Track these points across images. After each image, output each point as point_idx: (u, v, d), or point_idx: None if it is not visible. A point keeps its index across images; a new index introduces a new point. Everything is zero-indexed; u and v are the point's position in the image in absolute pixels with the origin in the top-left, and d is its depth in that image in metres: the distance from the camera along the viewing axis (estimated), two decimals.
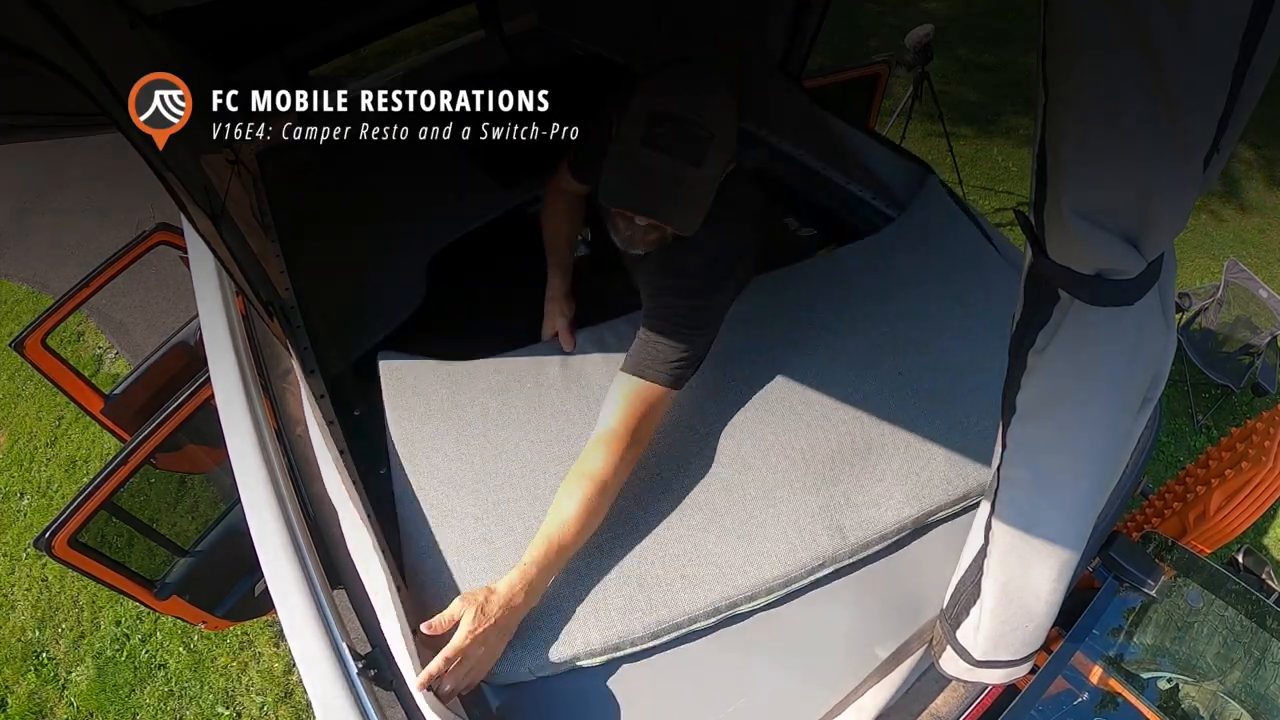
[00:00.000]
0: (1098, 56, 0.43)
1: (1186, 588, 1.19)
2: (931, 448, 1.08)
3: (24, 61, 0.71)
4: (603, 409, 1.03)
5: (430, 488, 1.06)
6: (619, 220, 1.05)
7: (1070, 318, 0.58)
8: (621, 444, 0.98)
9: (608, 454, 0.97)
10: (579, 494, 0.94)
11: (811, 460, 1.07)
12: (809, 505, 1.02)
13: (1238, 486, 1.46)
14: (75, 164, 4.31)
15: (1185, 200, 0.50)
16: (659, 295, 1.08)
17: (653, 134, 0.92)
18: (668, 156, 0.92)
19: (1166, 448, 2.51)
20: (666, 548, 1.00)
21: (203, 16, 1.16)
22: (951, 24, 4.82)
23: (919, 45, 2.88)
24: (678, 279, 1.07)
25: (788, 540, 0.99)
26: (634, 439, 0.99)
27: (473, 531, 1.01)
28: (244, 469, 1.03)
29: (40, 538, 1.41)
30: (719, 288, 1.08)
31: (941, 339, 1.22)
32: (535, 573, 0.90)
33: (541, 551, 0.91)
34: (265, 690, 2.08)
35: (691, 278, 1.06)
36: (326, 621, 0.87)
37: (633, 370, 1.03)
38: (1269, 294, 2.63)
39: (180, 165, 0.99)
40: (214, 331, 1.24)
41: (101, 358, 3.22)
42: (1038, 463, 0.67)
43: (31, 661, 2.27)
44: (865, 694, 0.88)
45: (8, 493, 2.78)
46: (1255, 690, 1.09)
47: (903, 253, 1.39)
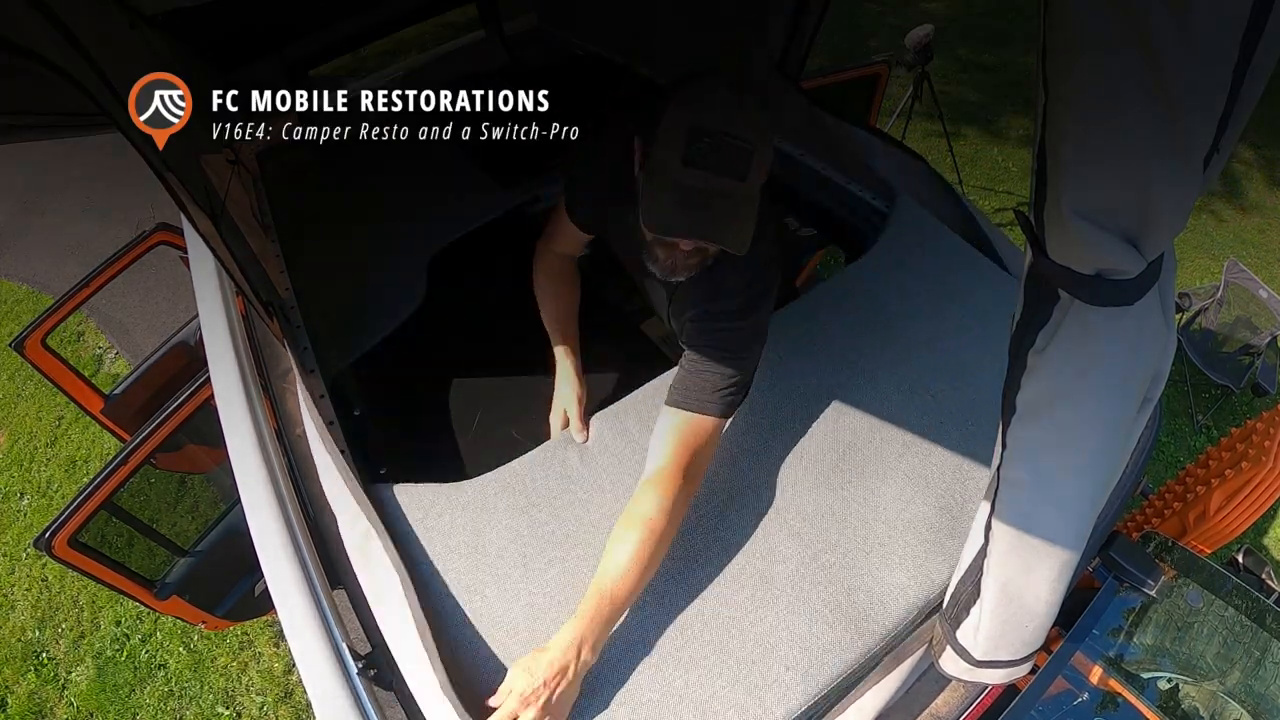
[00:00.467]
0: (1098, 56, 0.43)
1: (1186, 588, 1.19)
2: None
3: (24, 61, 0.71)
4: (651, 449, 0.98)
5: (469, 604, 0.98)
6: (658, 249, 0.97)
7: (1070, 318, 0.58)
8: (674, 484, 0.93)
9: (659, 495, 0.92)
10: (632, 540, 0.89)
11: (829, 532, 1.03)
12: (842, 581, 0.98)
13: (1238, 486, 1.46)
14: (75, 164, 4.30)
15: (1185, 200, 0.50)
16: (704, 321, 1.02)
17: (692, 152, 0.85)
18: (712, 174, 0.85)
19: (1166, 448, 2.51)
20: (735, 613, 0.95)
21: (203, 16, 1.16)
22: (951, 24, 4.82)
23: (919, 45, 2.88)
24: (724, 301, 1.01)
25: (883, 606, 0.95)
26: (687, 477, 0.94)
27: (515, 600, 0.96)
28: (244, 469, 1.03)
29: (40, 538, 1.40)
30: (761, 305, 1.03)
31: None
32: (587, 625, 0.84)
33: (594, 604, 0.85)
34: (265, 690, 2.08)
35: (736, 297, 1.01)
36: (326, 621, 0.87)
37: (681, 404, 0.97)
38: (1269, 294, 2.63)
39: (180, 165, 0.98)
40: (214, 331, 1.24)
41: (101, 358, 3.21)
42: (1038, 463, 0.67)
43: (31, 661, 2.27)
44: (865, 694, 0.88)
45: (8, 493, 2.78)
46: (1255, 690, 1.09)
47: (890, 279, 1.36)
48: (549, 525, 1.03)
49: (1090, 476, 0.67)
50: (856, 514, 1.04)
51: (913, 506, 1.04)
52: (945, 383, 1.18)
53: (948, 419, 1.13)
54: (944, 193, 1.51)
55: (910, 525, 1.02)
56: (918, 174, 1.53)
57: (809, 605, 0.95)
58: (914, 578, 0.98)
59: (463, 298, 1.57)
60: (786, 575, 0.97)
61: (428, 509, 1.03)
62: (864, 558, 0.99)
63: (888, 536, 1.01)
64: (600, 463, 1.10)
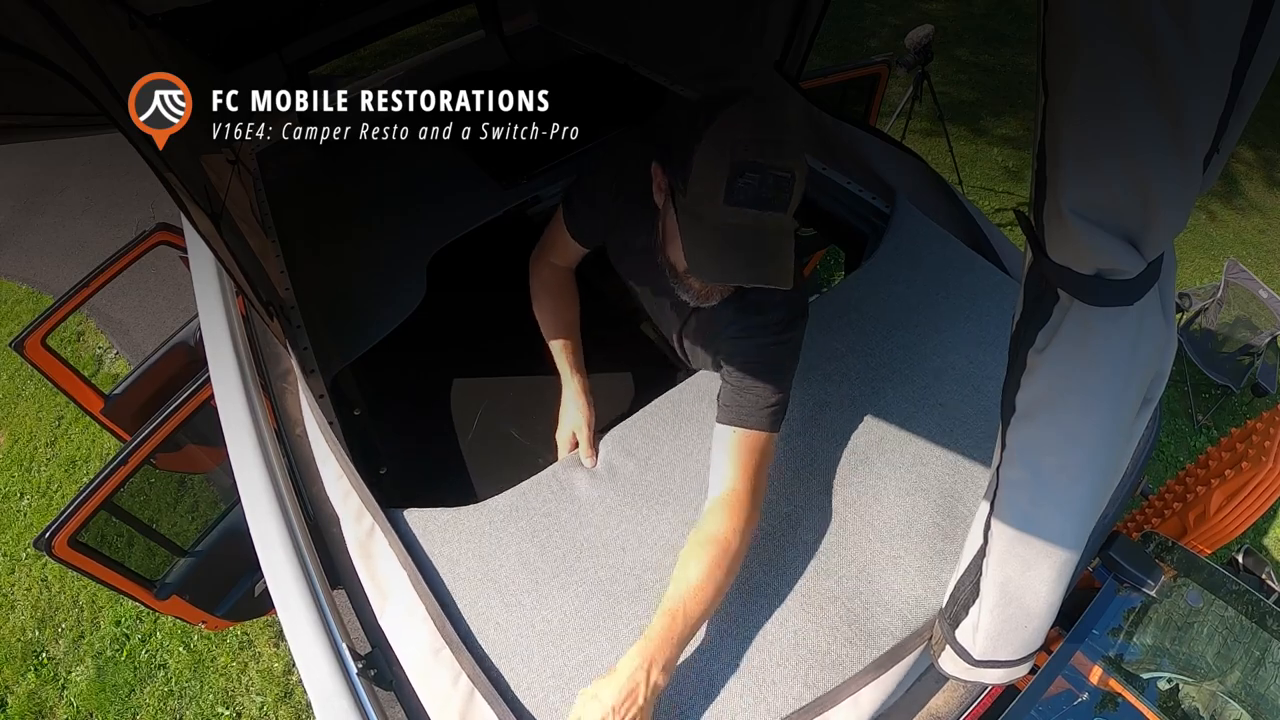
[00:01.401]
0: (1098, 57, 0.43)
1: (1186, 588, 1.19)
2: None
3: (24, 61, 0.71)
4: (714, 470, 0.98)
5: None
6: (693, 281, 0.95)
7: (1070, 318, 0.58)
8: (744, 502, 0.92)
9: (730, 515, 0.91)
10: (705, 559, 0.87)
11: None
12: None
13: (1238, 487, 1.46)
14: (75, 164, 4.31)
15: (1185, 200, 0.50)
16: (744, 339, 1.01)
17: (736, 192, 0.81)
18: (758, 212, 0.82)
19: (1166, 448, 2.51)
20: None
21: (203, 16, 1.16)
22: (951, 24, 4.82)
23: (919, 45, 2.88)
24: (764, 315, 1.01)
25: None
26: (754, 494, 0.94)
27: (529, 628, 0.94)
28: (244, 469, 1.03)
29: (40, 538, 1.40)
30: (799, 322, 1.03)
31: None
32: (657, 646, 0.82)
33: (665, 623, 0.83)
34: (265, 690, 2.08)
35: (776, 310, 1.01)
36: (326, 621, 0.87)
37: (736, 422, 0.97)
38: (1269, 294, 2.63)
39: (180, 165, 0.98)
40: (214, 331, 1.24)
41: (101, 358, 3.21)
42: (1038, 463, 0.67)
43: (31, 661, 2.27)
44: (863, 691, 0.88)
45: (8, 493, 2.78)
46: (1255, 690, 1.09)
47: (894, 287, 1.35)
48: (560, 549, 1.01)
49: (1090, 476, 0.67)
50: (870, 526, 1.03)
51: (925, 517, 1.04)
52: (953, 391, 1.18)
53: (957, 428, 1.13)
54: (943, 194, 1.50)
55: (924, 536, 1.02)
56: (916, 174, 1.53)
57: (826, 621, 0.94)
58: (931, 591, 0.97)
59: (463, 298, 1.57)
60: (802, 591, 0.97)
61: (435, 535, 1.02)
62: (879, 572, 0.99)
63: (902, 549, 1.01)
64: (609, 484, 1.09)
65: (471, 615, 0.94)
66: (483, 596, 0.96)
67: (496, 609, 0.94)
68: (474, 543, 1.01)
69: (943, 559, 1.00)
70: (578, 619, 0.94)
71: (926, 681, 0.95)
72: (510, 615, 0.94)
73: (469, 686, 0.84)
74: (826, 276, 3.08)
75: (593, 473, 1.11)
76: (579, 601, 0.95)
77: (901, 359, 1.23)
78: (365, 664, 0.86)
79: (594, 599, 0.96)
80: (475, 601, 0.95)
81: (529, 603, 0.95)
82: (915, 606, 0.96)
